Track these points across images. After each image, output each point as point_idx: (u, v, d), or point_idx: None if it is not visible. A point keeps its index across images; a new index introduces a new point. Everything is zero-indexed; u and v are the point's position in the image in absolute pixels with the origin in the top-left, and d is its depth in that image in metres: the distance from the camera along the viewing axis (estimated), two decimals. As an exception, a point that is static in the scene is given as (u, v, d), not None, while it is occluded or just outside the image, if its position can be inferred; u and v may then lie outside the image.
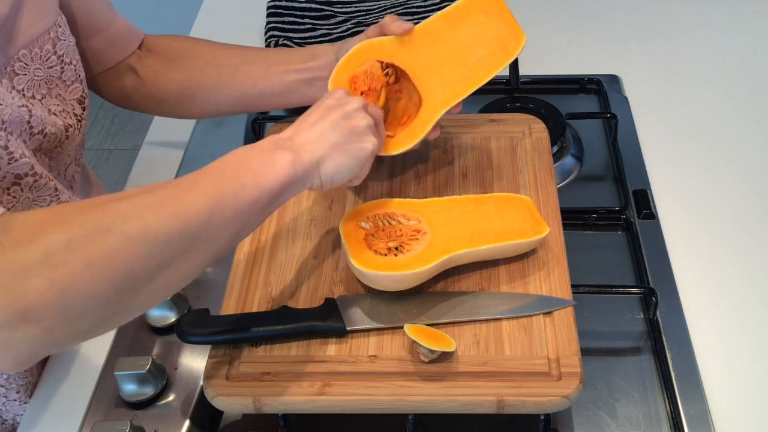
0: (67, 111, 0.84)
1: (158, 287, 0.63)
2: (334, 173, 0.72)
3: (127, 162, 2.51)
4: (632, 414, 0.78)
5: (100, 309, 0.60)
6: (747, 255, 0.93)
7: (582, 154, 1.06)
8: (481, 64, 0.84)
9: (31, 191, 0.78)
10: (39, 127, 0.78)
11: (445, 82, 0.84)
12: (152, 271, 0.61)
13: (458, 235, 0.79)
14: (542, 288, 0.79)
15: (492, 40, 0.83)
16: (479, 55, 0.84)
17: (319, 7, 1.31)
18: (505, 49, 0.83)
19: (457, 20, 0.84)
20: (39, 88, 0.80)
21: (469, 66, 0.84)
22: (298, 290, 0.80)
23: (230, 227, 0.65)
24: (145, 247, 0.60)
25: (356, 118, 0.74)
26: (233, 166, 0.67)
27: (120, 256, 0.59)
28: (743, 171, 1.03)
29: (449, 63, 0.84)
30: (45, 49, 0.80)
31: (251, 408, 0.71)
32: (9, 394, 0.89)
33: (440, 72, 0.84)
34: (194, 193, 0.63)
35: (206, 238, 0.64)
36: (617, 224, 0.96)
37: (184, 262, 0.63)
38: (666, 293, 0.87)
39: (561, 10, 1.34)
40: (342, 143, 0.73)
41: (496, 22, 0.83)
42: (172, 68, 0.96)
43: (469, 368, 0.72)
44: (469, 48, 0.84)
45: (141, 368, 0.78)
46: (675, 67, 1.21)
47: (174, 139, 1.13)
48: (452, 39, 0.84)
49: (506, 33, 0.83)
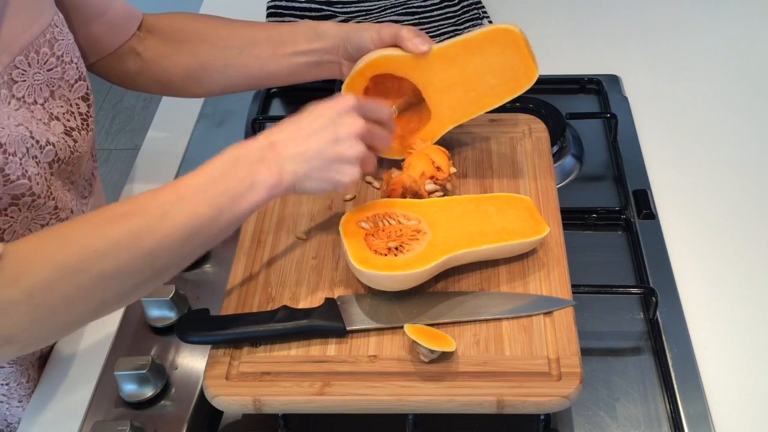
0: (72, 111, 0.83)
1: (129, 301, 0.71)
2: (307, 191, 0.75)
3: (127, 162, 2.51)
4: (632, 414, 0.78)
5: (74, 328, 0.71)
6: (747, 255, 0.93)
7: (582, 154, 1.06)
8: (492, 91, 0.87)
9: (30, 211, 0.77)
10: (43, 140, 0.78)
11: (456, 102, 0.88)
12: (123, 296, 0.69)
13: (458, 235, 0.79)
14: (542, 288, 0.79)
15: (505, 71, 0.86)
16: (491, 83, 0.87)
17: (318, 7, 1.31)
18: (517, 81, 0.86)
19: (474, 48, 0.86)
20: (41, 92, 0.79)
21: (479, 91, 0.87)
22: (298, 290, 0.80)
23: (199, 250, 0.71)
24: (119, 282, 0.67)
25: (345, 145, 0.74)
26: (214, 185, 0.69)
27: (95, 291, 0.65)
28: (743, 171, 1.03)
29: (461, 86, 0.88)
30: (42, 53, 0.79)
31: (251, 408, 0.71)
32: (11, 402, 0.89)
33: (452, 93, 0.88)
34: (170, 224, 0.67)
35: (174, 265, 0.70)
36: (617, 224, 0.96)
37: (152, 284, 0.69)
38: (666, 293, 0.87)
39: (561, 11, 1.34)
40: (322, 169, 0.73)
41: (511, 55, 0.85)
42: (176, 50, 0.95)
43: (469, 368, 0.72)
44: (482, 75, 0.87)
45: (141, 368, 0.78)
46: (675, 67, 1.21)
47: (174, 139, 1.13)
48: (467, 64, 0.87)
49: (520, 67, 0.86)
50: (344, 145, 0.74)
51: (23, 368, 0.87)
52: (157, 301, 0.85)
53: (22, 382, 0.87)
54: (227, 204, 0.69)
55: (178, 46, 0.95)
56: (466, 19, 1.27)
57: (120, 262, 0.65)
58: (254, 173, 0.70)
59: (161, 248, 0.67)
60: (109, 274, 0.65)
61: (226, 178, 0.69)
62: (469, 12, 1.28)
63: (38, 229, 0.80)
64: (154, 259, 0.67)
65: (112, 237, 0.65)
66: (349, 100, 0.76)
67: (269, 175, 0.71)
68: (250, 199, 0.70)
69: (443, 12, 1.29)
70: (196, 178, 0.69)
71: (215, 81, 0.96)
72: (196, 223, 0.67)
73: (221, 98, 1.19)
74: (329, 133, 0.74)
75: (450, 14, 1.29)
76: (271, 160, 0.71)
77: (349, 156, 0.74)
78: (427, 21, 1.26)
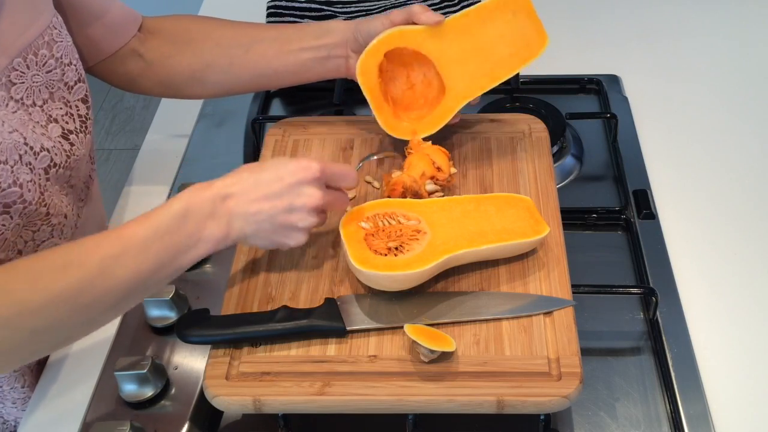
0: (71, 113, 0.83)
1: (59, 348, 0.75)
2: (251, 245, 0.78)
3: (127, 162, 2.51)
4: (632, 414, 0.78)
5: None
6: (747, 255, 0.93)
7: (582, 154, 1.06)
8: (505, 61, 0.88)
9: (21, 218, 0.76)
10: (38, 146, 0.77)
11: (470, 75, 0.89)
12: (54, 346, 0.73)
13: (458, 235, 0.79)
14: (542, 288, 0.79)
15: (517, 39, 0.87)
16: (504, 53, 0.88)
17: (319, 7, 1.31)
18: (529, 49, 0.88)
19: (486, 17, 0.87)
20: (39, 94, 0.79)
21: (493, 62, 0.88)
22: (298, 290, 0.80)
23: (137, 301, 0.73)
24: (51, 338, 0.68)
25: (297, 216, 0.74)
26: (160, 240, 0.69)
27: (26, 346, 0.66)
28: (743, 171, 1.03)
29: (475, 57, 0.88)
30: (41, 54, 0.78)
31: (251, 408, 0.71)
32: (5, 402, 0.89)
33: (465, 65, 0.89)
34: (111, 280, 0.67)
35: (111, 316, 0.72)
36: (617, 224, 0.96)
37: (88, 331, 0.71)
38: (666, 293, 0.87)
39: (561, 10, 1.34)
40: (270, 231, 0.74)
41: (522, 21, 0.87)
42: (179, 50, 0.94)
43: (469, 368, 0.72)
44: (495, 45, 0.88)
45: (141, 368, 0.78)
46: (675, 68, 1.21)
47: (174, 139, 1.13)
48: (480, 35, 0.88)
49: (531, 33, 0.87)
50: (296, 216, 0.74)
51: (18, 373, 0.86)
52: (157, 301, 0.85)
53: (16, 386, 0.87)
54: (169, 259, 0.69)
55: (182, 46, 0.94)
56: (466, 19, 1.27)
57: (56, 317, 0.65)
58: (202, 229, 0.71)
59: (99, 303, 0.67)
60: (42, 329, 0.65)
61: (173, 233, 0.69)
62: (469, 12, 1.28)
63: (29, 235, 0.79)
64: (90, 313, 0.67)
65: (50, 292, 0.64)
66: (313, 170, 0.74)
67: (217, 230, 0.71)
68: (193, 253, 0.71)
69: (443, 12, 1.29)
70: (143, 229, 0.69)
71: (220, 81, 0.95)
72: (137, 278, 0.68)
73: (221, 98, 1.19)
74: (284, 201, 0.73)
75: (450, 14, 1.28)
76: (221, 215, 0.71)
77: (300, 227, 0.74)
78: (427, 21, 1.26)
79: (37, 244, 0.81)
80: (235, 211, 0.72)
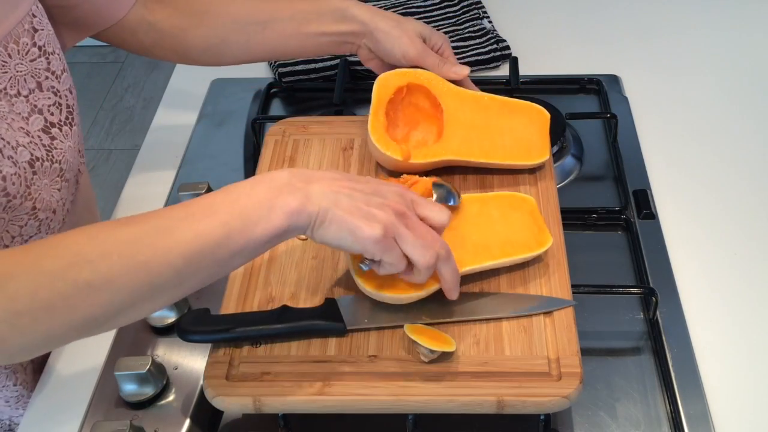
0: (59, 103, 0.81)
1: (118, 324, 0.65)
2: (322, 237, 0.67)
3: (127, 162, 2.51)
4: (632, 414, 0.78)
5: (58, 343, 0.65)
6: (747, 255, 0.93)
7: (582, 154, 1.06)
8: (504, 151, 0.90)
9: (6, 212, 0.75)
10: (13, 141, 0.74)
11: (468, 140, 0.90)
12: (113, 315, 0.62)
13: (462, 251, 0.77)
14: (542, 288, 0.79)
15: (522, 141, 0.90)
16: (506, 144, 0.90)
17: None
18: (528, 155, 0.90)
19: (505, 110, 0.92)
20: (25, 84, 0.77)
21: (493, 143, 0.90)
22: (298, 290, 0.80)
23: (204, 274, 0.64)
24: (108, 297, 0.60)
25: (378, 200, 0.67)
26: (229, 205, 0.63)
27: (82, 303, 0.60)
28: (743, 171, 1.03)
29: (480, 131, 0.90)
30: (22, 43, 0.76)
31: (251, 408, 0.71)
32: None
33: (469, 131, 0.90)
34: (172, 240, 0.61)
35: (175, 286, 0.63)
36: (617, 224, 0.96)
37: (149, 303, 0.64)
38: (666, 293, 0.87)
39: (561, 10, 1.34)
40: (347, 211, 0.66)
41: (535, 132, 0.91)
42: (195, 24, 0.94)
43: (469, 368, 0.72)
44: (503, 134, 0.91)
45: (141, 368, 0.78)
46: (675, 67, 1.21)
47: (174, 139, 1.13)
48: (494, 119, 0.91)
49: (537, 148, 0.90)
50: (377, 201, 0.67)
51: (9, 371, 0.86)
52: (157, 301, 0.85)
53: (8, 384, 0.87)
54: (239, 227, 0.62)
55: (197, 20, 0.94)
56: (466, 19, 1.27)
57: (110, 272, 0.60)
58: (274, 197, 0.64)
59: (159, 264, 0.61)
60: (98, 285, 0.59)
61: (242, 198, 0.64)
62: (469, 12, 1.28)
63: (16, 230, 0.77)
64: (150, 275, 0.61)
65: (106, 243, 0.61)
66: (407, 191, 0.71)
67: (292, 200, 0.64)
68: (265, 225, 0.63)
69: (443, 12, 1.29)
70: (210, 198, 0.64)
71: (236, 55, 0.98)
72: (202, 242, 0.62)
73: (221, 98, 1.19)
74: (369, 187, 0.69)
75: (450, 14, 1.29)
76: (297, 188, 0.65)
77: (378, 216, 0.66)
78: (427, 21, 1.26)
79: (25, 239, 0.79)
80: (313, 188, 0.66)
